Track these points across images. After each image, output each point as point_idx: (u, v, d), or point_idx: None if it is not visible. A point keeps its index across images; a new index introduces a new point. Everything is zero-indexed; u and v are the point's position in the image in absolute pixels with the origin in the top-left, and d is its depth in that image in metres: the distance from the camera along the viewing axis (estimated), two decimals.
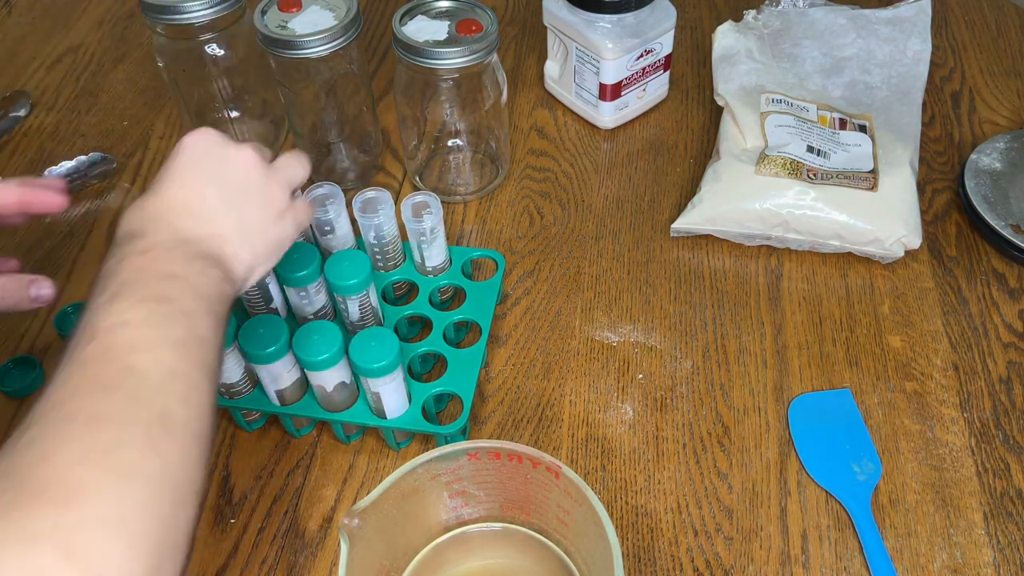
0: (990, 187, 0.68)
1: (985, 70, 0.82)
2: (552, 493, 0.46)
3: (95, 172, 0.75)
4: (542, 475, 0.45)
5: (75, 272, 0.69)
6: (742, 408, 0.58)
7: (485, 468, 0.46)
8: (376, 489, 0.42)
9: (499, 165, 0.74)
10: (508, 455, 0.45)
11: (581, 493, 0.43)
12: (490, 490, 0.48)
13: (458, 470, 0.46)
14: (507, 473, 0.46)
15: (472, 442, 0.45)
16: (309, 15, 0.64)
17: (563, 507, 0.46)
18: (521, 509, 0.49)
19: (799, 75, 0.73)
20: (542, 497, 0.47)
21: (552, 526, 0.49)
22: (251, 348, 0.51)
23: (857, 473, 0.55)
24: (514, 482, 0.47)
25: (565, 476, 0.43)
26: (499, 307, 0.65)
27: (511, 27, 0.90)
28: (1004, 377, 0.60)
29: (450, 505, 0.49)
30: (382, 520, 0.44)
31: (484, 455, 0.45)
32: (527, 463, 0.45)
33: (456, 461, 0.45)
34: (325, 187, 0.59)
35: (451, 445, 0.45)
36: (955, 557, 0.51)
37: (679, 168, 0.75)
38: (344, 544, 0.41)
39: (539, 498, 0.47)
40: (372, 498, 0.42)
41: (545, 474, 0.45)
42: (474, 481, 0.47)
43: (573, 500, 0.44)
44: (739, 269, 0.67)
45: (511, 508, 0.50)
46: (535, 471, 0.45)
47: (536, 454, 0.44)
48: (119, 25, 0.93)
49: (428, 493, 0.47)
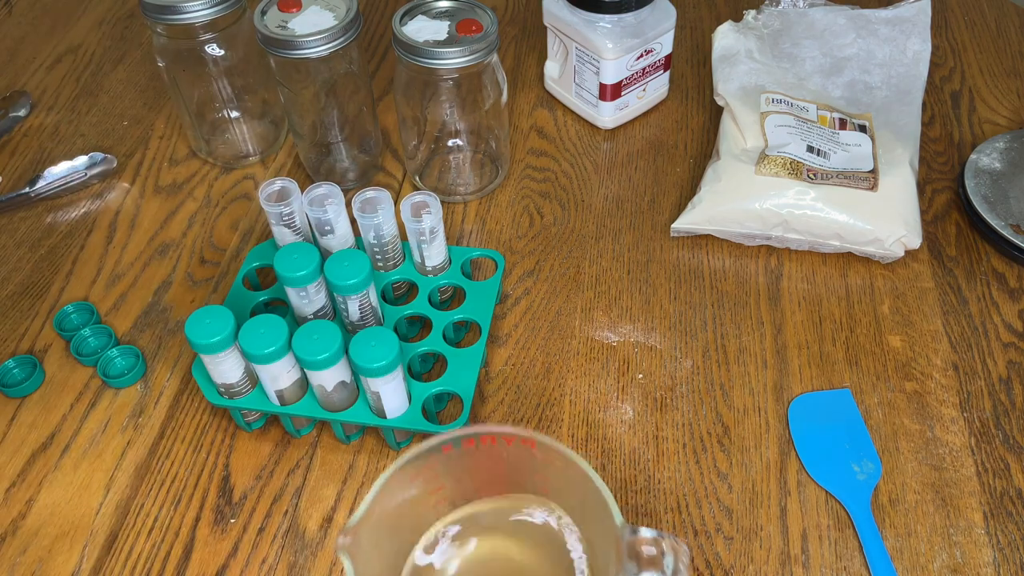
0: (990, 187, 0.68)
1: (985, 70, 0.82)
2: (529, 464, 0.46)
3: (95, 172, 0.75)
4: (517, 450, 0.45)
5: (75, 272, 0.69)
6: (742, 408, 0.58)
7: (460, 456, 0.46)
8: (363, 504, 0.42)
9: (499, 165, 0.74)
10: (482, 438, 0.45)
11: (554, 450, 0.43)
12: (465, 479, 0.48)
13: (434, 466, 0.46)
14: (482, 457, 0.47)
15: (442, 435, 0.45)
16: (309, 15, 0.64)
17: (542, 475, 0.46)
18: (499, 491, 0.49)
19: (799, 75, 0.73)
20: (520, 472, 0.47)
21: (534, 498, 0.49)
22: (251, 348, 0.51)
23: (857, 473, 0.55)
24: (489, 464, 0.47)
25: (541, 443, 0.44)
26: (499, 307, 0.65)
27: (511, 27, 0.90)
28: (1004, 377, 0.60)
29: (432, 501, 0.49)
30: (375, 531, 0.44)
31: (457, 444, 0.45)
32: (501, 442, 0.45)
33: (431, 458, 0.45)
34: (324, 187, 0.59)
35: (425, 442, 0.44)
36: (955, 557, 0.51)
37: (679, 168, 0.75)
38: (347, 562, 0.41)
39: (517, 475, 0.47)
40: (360, 513, 0.42)
41: (520, 447, 0.45)
42: (451, 475, 0.47)
43: (552, 466, 0.45)
44: (739, 269, 0.67)
45: (489, 491, 0.50)
46: (509, 448, 0.45)
47: (510, 430, 0.45)
48: (119, 25, 0.93)
49: (414, 493, 0.47)
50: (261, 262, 0.64)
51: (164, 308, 0.66)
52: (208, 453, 0.58)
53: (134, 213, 0.73)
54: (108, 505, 0.55)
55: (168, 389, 0.61)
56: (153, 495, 0.56)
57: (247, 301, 0.62)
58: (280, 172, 0.76)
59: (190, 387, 0.61)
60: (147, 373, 0.62)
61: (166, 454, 0.58)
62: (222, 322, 0.52)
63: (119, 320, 0.65)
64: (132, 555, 0.53)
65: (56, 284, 0.68)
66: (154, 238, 0.71)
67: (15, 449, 0.58)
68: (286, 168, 0.77)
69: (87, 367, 0.63)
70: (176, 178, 0.76)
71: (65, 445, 0.58)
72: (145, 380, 0.62)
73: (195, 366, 0.57)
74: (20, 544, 0.54)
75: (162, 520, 0.55)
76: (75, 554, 0.53)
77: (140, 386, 0.62)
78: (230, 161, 0.77)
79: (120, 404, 0.60)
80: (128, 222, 0.73)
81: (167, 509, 0.55)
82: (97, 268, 0.69)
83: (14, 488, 0.57)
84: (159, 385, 0.62)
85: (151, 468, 0.57)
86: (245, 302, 0.62)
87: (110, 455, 0.58)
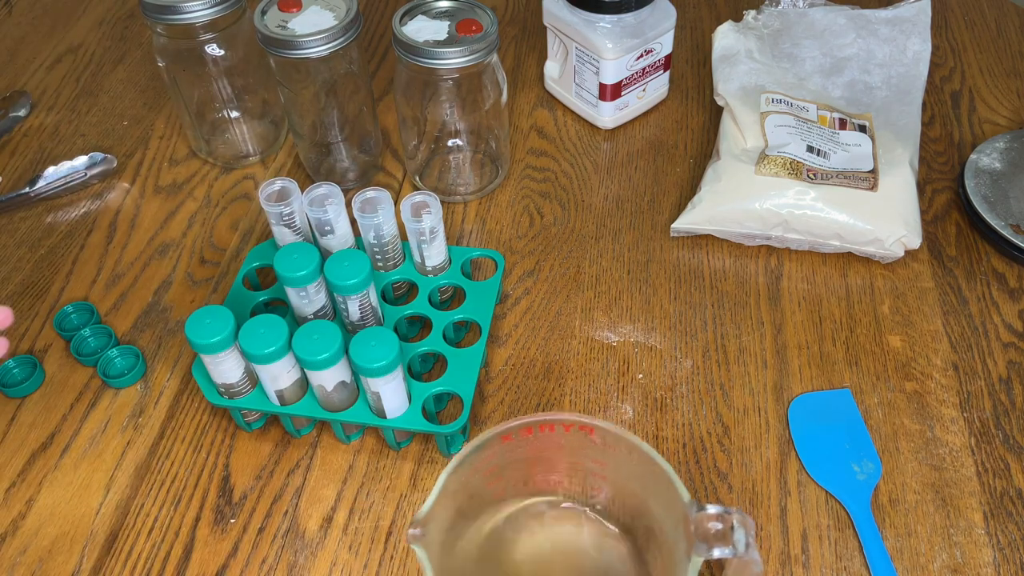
0: (990, 187, 0.68)
1: (985, 70, 0.82)
2: (588, 451, 0.47)
3: (95, 172, 0.75)
4: (576, 436, 0.46)
5: (75, 272, 0.69)
6: (742, 408, 0.58)
7: (518, 446, 0.47)
8: (430, 496, 0.43)
9: (499, 165, 0.74)
10: (540, 426, 0.46)
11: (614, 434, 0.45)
12: (523, 467, 0.49)
13: (492, 458, 0.47)
14: (540, 446, 0.47)
15: (501, 424, 0.46)
16: (309, 15, 0.64)
17: (598, 460, 0.47)
18: (554, 478, 0.51)
19: (799, 75, 0.73)
20: (576, 458, 0.48)
21: (589, 483, 0.51)
22: (251, 348, 0.51)
23: (857, 473, 0.55)
24: (547, 452, 0.48)
25: (600, 429, 0.45)
26: (499, 307, 0.65)
27: (511, 27, 0.90)
28: (1004, 377, 0.60)
29: (490, 492, 0.50)
30: (441, 523, 0.44)
31: (516, 434, 0.46)
32: (559, 429, 0.46)
33: (491, 448, 0.46)
34: (325, 187, 0.59)
35: (485, 433, 0.45)
36: (955, 557, 0.51)
37: (679, 168, 0.75)
38: (421, 551, 0.41)
39: (575, 460, 0.48)
40: (428, 506, 0.43)
41: (579, 433, 0.46)
42: (510, 464, 0.48)
43: (611, 449, 0.46)
44: (739, 269, 0.67)
45: (544, 481, 0.51)
46: (568, 435, 0.46)
47: (568, 417, 0.45)
48: (119, 25, 0.93)
49: (473, 485, 0.48)
50: (261, 262, 0.64)
51: (164, 308, 0.66)
52: (208, 453, 0.58)
53: (134, 213, 0.73)
54: (108, 505, 0.55)
55: (168, 389, 0.61)
56: (153, 495, 0.56)
57: (247, 301, 0.62)
58: (280, 172, 0.76)
59: (190, 387, 0.61)
60: (147, 373, 0.62)
61: (166, 454, 0.58)
62: (222, 322, 0.52)
63: (119, 320, 0.65)
64: (132, 555, 0.53)
65: (56, 284, 0.68)
66: (154, 238, 0.71)
67: (15, 449, 0.58)
68: (286, 168, 0.77)
69: (87, 367, 0.63)
70: (176, 178, 0.76)
71: (65, 445, 0.58)
72: (145, 380, 0.62)
73: (195, 366, 0.57)
74: (20, 544, 0.54)
75: (162, 520, 0.55)
76: (75, 554, 0.53)
77: (140, 386, 0.62)
78: (230, 161, 0.77)
79: (120, 404, 0.60)
80: (128, 222, 0.73)
81: (167, 509, 0.55)
82: (97, 268, 0.69)
83: (14, 488, 0.57)
84: (159, 385, 0.62)
85: (151, 468, 0.57)
86: (245, 302, 0.62)
87: (110, 455, 0.58)
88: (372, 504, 0.55)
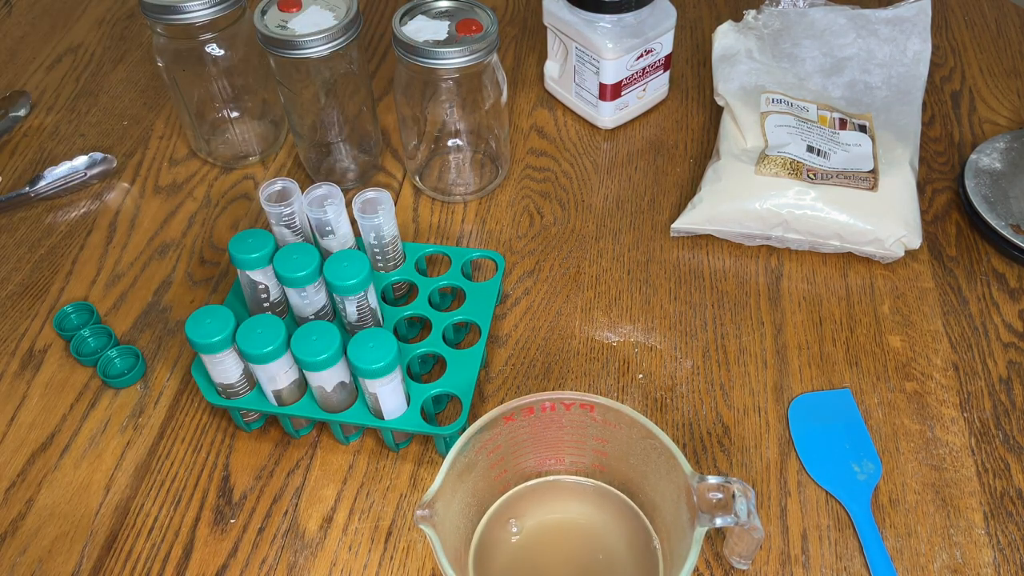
0: (990, 187, 0.68)
1: (985, 70, 0.82)
2: (590, 429, 0.48)
3: (95, 172, 0.75)
4: (576, 415, 0.47)
5: (75, 272, 0.69)
6: (742, 408, 0.58)
7: (520, 427, 0.48)
8: (436, 479, 0.44)
9: (499, 165, 0.74)
10: (541, 406, 0.47)
11: (614, 410, 0.46)
12: (526, 448, 0.50)
13: (495, 438, 0.48)
14: (541, 426, 0.49)
15: (504, 405, 0.47)
16: (309, 15, 0.64)
17: (600, 438, 0.48)
18: (556, 457, 0.52)
19: (799, 75, 0.73)
20: (578, 436, 0.49)
21: (590, 461, 0.52)
22: (247, 347, 0.51)
23: (857, 473, 0.55)
24: (548, 431, 0.49)
25: (600, 406, 0.46)
26: (499, 307, 0.65)
27: (511, 27, 0.90)
28: (1004, 377, 0.60)
29: (494, 472, 0.50)
30: (448, 503, 0.45)
31: (518, 414, 0.47)
32: (560, 408, 0.47)
33: (494, 429, 0.47)
34: (324, 187, 0.59)
35: (486, 415, 0.46)
36: (955, 557, 0.51)
37: (679, 168, 0.75)
38: (430, 531, 0.42)
39: (576, 439, 0.50)
40: (435, 488, 0.43)
41: (579, 412, 0.47)
42: (512, 445, 0.49)
43: (611, 427, 0.47)
44: (739, 269, 0.67)
45: (547, 459, 0.52)
46: (568, 413, 0.47)
47: (570, 395, 0.47)
48: (119, 25, 0.93)
49: (478, 466, 0.48)
50: None
51: (164, 308, 0.66)
52: (208, 453, 0.58)
53: (134, 213, 0.73)
54: (108, 505, 0.55)
55: (168, 389, 0.61)
56: (153, 495, 0.56)
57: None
58: (280, 172, 0.76)
59: (190, 387, 0.61)
60: (147, 373, 0.62)
61: (166, 454, 0.58)
62: (222, 322, 0.52)
63: (119, 320, 0.65)
64: (132, 555, 0.53)
65: (56, 284, 0.68)
66: (154, 238, 0.71)
67: (15, 449, 0.58)
68: (286, 168, 0.77)
69: (87, 367, 0.63)
70: (176, 178, 0.76)
71: (65, 445, 0.58)
72: (145, 380, 0.62)
73: (195, 366, 0.57)
74: (20, 544, 0.54)
75: (162, 520, 0.55)
76: (75, 554, 0.53)
77: (140, 386, 0.62)
78: (230, 161, 0.77)
79: (120, 404, 0.60)
80: (128, 222, 0.73)
81: (167, 509, 0.55)
82: (97, 268, 0.69)
83: (14, 488, 0.57)
84: (159, 385, 0.62)
85: (151, 468, 0.57)
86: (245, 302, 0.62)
87: (110, 455, 0.58)
88: (372, 504, 0.55)
